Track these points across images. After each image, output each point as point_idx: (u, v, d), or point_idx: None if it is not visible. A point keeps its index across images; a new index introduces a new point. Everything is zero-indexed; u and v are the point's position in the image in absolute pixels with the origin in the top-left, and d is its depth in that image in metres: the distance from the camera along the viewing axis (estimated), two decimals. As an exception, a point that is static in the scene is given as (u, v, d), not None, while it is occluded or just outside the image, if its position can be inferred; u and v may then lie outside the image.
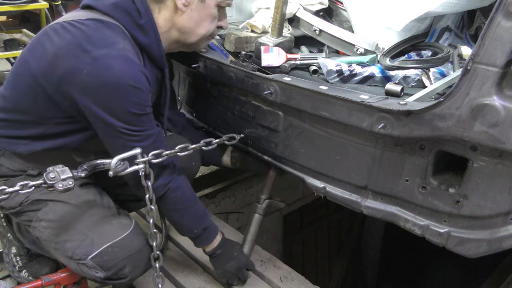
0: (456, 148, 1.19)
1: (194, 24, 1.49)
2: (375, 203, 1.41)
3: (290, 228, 3.55)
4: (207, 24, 1.51)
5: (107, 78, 1.27)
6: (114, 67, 1.27)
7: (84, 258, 1.47)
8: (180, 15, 1.45)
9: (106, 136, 1.39)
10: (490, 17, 1.03)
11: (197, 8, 1.45)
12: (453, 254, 1.29)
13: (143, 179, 1.42)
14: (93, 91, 1.29)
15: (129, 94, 1.30)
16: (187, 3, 1.43)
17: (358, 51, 1.61)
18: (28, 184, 1.23)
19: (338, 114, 1.36)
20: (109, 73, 1.27)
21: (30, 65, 1.38)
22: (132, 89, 1.30)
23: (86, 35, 1.31)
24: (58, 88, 1.33)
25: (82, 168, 1.31)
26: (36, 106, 1.40)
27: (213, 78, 1.81)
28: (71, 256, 1.48)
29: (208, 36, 1.56)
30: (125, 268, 1.50)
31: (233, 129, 1.76)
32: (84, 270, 1.48)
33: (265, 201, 1.82)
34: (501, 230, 1.19)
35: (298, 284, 1.89)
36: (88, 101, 1.30)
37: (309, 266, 3.85)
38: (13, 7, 3.83)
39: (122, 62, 1.29)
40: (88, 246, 1.47)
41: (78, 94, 1.31)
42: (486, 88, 1.06)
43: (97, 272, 1.47)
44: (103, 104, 1.30)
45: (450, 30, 1.77)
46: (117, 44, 1.32)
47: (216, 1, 1.48)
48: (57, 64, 1.31)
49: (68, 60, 1.30)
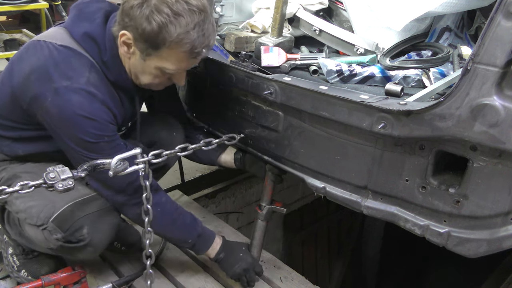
0: (456, 148, 1.19)
1: (139, 71, 1.47)
2: (375, 203, 1.41)
3: (290, 228, 3.55)
4: (150, 78, 1.48)
5: (65, 110, 1.37)
6: (71, 101, 1.37)
7: (46, 222, 1.48)
8: (128, 58, 1.45)
9: (67, 152, 1.47)
10: (490, 17, 1.03)
11: (139, 61, 1.43)
12: (453, 254, 1.29)
13: (141, 179, 1.42)
14: (54, 119, 1.40)
15: (84, 125, 1.39)
16: (131, 52, 1.42)
17: (358, 51, 1.61)
18: (28, 184, 1.24)
19: (338, 114, 1.36)
20: (67, 105, 1.37)
21: (12, 77, 1.46)
22: (88, 121, 1.39)
23: (55, 62, 1.39)
24: (28, 107, 1.43)
25: (82, 168, 1.31)
26: (14, 114, 1.51)
27: (213, 78, 1.81)
28: (36, 223, 1.49)
29: (155, 85, 1.53)
30: (83, 229, 1.50)
31: (233, 129, 1.76)
32: (47, 236, 1.49)
33: (265, 207, 1.82)
34: (501, 230, 1.19)
35: (298, 284, 1.89)
36: (51, 124, 1.42)
37: (309, 266, 3.85)
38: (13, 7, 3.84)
39: (80, 97, 1.37)
40: (50, 209, 1.49)
41: (42, 117, 1.42)
42: (486, 88, 1.06)
43: (57, 234, 1.48)
44: (62, 130, 1.42)
45: (450, 30, 1.78)
46: (81, 78, 1.39)
47: (156, 65, 1.42)
48: (28, 85, 1.40)
49: (36, 85, 1.39)
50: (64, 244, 1.49)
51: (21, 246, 1.76)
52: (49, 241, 1.50)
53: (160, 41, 1.33)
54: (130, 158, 1.37)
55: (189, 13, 1.32)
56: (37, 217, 1.49)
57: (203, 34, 1.36)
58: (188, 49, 1.35)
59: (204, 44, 1.38)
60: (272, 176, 1.77)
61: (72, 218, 1.49)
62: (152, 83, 1.50)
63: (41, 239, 1.51)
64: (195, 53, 1.38)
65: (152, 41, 1.34)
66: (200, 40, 1.36)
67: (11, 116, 1.52)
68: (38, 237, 1.52)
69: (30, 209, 1.51)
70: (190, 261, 1.97)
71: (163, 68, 1.42)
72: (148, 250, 1.52)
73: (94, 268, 1.88)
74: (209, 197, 2.78)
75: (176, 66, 1.42)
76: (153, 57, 1.39)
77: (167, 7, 1.30)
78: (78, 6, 1.50)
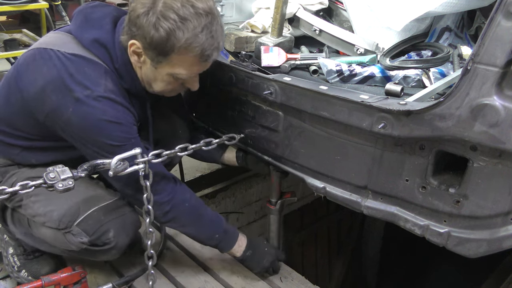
0: (456, 148, 1.19)
1: (151, 79, 1.46)
2: (375, 203, 1.41)
3: (290, 228, 3.55)
4: (162, 85, 1.47)
5: (88, 118, 1.37)
6: (95, 107, 1.36)
7: (70, 225, 1.50)
8: (139, 67, 1.45)
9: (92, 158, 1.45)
10: (490, 17, 1.03)
11: (150, 69, 1.42)
12: (453, 254, 1.29)
13: (141, 179, 1.42)
14: (77, 128, 1.40)
15: (110, 130, 1.39)
16: (141, 61, 1.41)
17: (358, 51, 1.61)
18: (28, 184, 1.24)
19: (338, 114, 1.36)
20: (90, 112, 1.36)
21: (21, 88, 1.44)
22: (113, 125, 1.39)
23: (69, 73, 1.37)
24: (46, 119, 1.43)
25: (82, 168, 1.31)
26: (27, 126, 1.50)
27: (213, 78, 1.81)
28: (58, 226, 1.51)
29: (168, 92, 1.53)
30: (109, 232, 1.52)
31: (233, 129, 1.76)
32: (70, 239, 1.51)
33: (277, 202, 1.83)
34: (501, 230, 1.19)
35: (298, 284, 1.89)
36: (73, 135, 1.42)
37: (309, 266, 3.84)
38: (13, 7, 3.83)
39: (102, 104, 1.37)
40: (74, 213, 1.51)
41: (62, 129, 1.42)
42: (486, 88, 1.06)
43: (82, 238, 1.50)
44: (87, 139, 1.42)
45: (450, 30, 1.78)
46: (98, 86, 1.38)
47: (167, 72, 1.41)
48: (45, 99, 1.39)
49: (54, 98, 1.37)
50: (89, 247, 1.52)
51: (23, 246, 1.76)
52: (72, 244, 1.52)
53: (169, 47, 1.32)
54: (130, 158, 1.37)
55: (195, 16, 1.30)
56: (59, 220, 1.50)
57: (212, 36, 1.34)
58: (198, 53, 1.34)
59: (213, 46, 1.36)
60: (278, 173, 1.78)
61: (98, 222, 1.51)
62: (165, 90, 1.49)
63: (62, 241, 1.53)
64: (205, 56, 1.37)
65: (161, 48, 1.33)
66: (209, 43, 1.34)
67: (24, 128, 1.51)
68: (58, 240, 1.54)
69: (51, 213, 1.52)
70: (190, 261, 1.97)
71: (175, 74, 1.41)
72: (150, 251, 1.52)
73: (94, 268, 1.88)
74: (209, 197, 2.78)
75: (188, 71, 1.41)
76: (164, 64, 1.38)
77: (173, 13, 1.28)
78: (83, 11, 1.48)
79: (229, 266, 1.94)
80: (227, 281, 1.85)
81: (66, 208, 1.52)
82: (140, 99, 1.55)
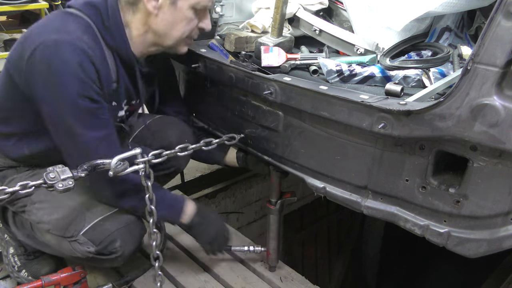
0: (456, 148, 1.19)
1: (169, 27, 1.46)
2: (375, 203, 1.41)
3: (290, 228, 3.55)
4: (182, 26, 1.48)
5: (49, 61, 1.30)
6: (59, 52, 1.30)
7: (76, 234, 1.49)
8: (153, 18, 1.44)
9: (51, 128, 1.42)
10: (490, 17, 1.03)
11: (170, 11, 1.43)
12: (453, 254, 1.29)
13: (143, 179, 1.42)
14: (38, 78, 1.33)
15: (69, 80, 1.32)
16: (158, 6, 1.41)
17: (358, 51, 1.61)
18: (28, 184, 1.24)
19: (338, 114, 1.36)
20: (51, 55, 1.30)
21: (6, 61, 1.44)
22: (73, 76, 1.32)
23: (48, 21, 1.40)
24: (20, 78, 1.38)
25: (82, 168, 1.31)
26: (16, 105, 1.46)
27: (213, 78, 1.81)
28: (63, 235, 1.50)
29: (185, 38, 1.53)
30: (116, 242, 1.52)
31: (233, 129, 1.76)
32: (76, 247, 1.50)
33: (277, 202, 1.83)
34: (501, 230, 1.19)
35: (298, 284, 1.89)
36: (37, 93, 1.36)
37: (309, 266, 3.85)
38: (13, 7, 3.84)
39: (68, 50, 1.31)
40: (80, 222, 1.50)
41: (27, 81, 1.36)
42: (486, 88, 1.06)
43: (89, 247, 1.49)
44: (47, 95, 1.35)
45: (450, 30, 1.77)
46: (71, 34, 1.33)
47: (189, 4, 1.44)
48: (21, 52, 1.35)
49: (28, 45, 1.33)
50: (95, 256, 1.51)
51: (23, 247, 1.76)
52: (78, 252, 1.52)
53: None
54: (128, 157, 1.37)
55: None
56: (65, 229, 1.50)
57: None
58: None
59: None
60: (278, 173, 1.78)
61: (104, 232, 1.51)
62: (183, 34, 1.50)
63: (67, 248, 1.53)
64: None
65: None
66: None
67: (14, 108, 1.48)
68: (63, 247, 1.54)
69: (56, 221, 1.51)
70: (190, 261, 1.97)
71: (196, 4, 1.44)
72: (155, 252, 1.52)
73: (94, 268, 1.88)
74: (209, 197, 2.78)
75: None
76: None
77: None
78: None
79: (229, 266, 1.94)
80: (227, 281, 1.85)
81: (72, 217, 1.51)
82: (129, 66, 1.53)
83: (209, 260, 1.93)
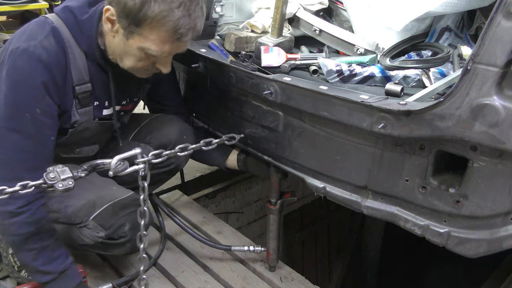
0: (456, 148, 1.19)
1: (122, 53, 1.44)
2: (375, 203, 1.41)
3: (290, 228, 3.55)
4: (132, 60, 1.43)
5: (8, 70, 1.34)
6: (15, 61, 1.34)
7: (85, 220, 1.54)
8: (111, 38, 1.43)
9: None
10: (490, 17, 1.03)
11: (122, 41, 1.40)
12: (453, 254, 1.29)
13: (140, 179, 1.41)
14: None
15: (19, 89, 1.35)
16: (114, 30, 1.39)
17: (358, 51, 1.61)
18: (28, 184, 1.24)
19: (338, 114, 1.36)
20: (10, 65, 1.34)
21: None
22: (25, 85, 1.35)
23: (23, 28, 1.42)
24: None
25: (82, 168, 1.31)
26: None
27: (213, 78, 1.81)
28: (73, 221, 1.55)
29: (139, 70, 1.49)
30: (125, 226, 1.58)
31: (233, 129, 1.76)
32: (86, 233, 1.55)
33: (277, 202, 1.83)
34: (501, 230, 1.19)
35: (298, 284, 1.89)
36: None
37: (309, 266, 3.85)
38: (13, 7, 3.84)
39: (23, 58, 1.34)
40: (90, 208, 1.55)
41: None
42: (486, 88, 1.06)
43: (98, 232, 1.54)
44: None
45: (450, 30, 1.77)
46: (33, 41, 1.36)
47: (138, 45, 1.37)
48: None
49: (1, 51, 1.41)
50: (105, 240, 1.56)
51: None
52: (87, 238, 1.56)
53: (141, 16, 1.29)
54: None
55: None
56: (74, 215, 1.55)
57: (189, 15, 1.31)
58: (171, 28, 1.31)
59: (189, 26, 1.32)
60: (278, 174, 1.78)
61: (114, 216, 1.56)
62: (135, 66, 1.45)
63: (76, 236, 1.57)
64: (178, 34, 1.32)
65: (134, 16, 1.30)
66: (184, 21, 1.31)
67: None
68: (71, 235, 1.58)
69: (66, 208, 1.56)
70: (190, 261, 1.97)
71: (146, 48, 1.37)
72: (142, 255, 1.50)
73: (94, 268, 1.88)
74: (209, 197, 2.78)
75: (158, 48, 1.37)
76: (135, 36, 1.35)
77: None
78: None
79: (229, 266, 1.94)
80: (227, 281, 1.85)
81: (81, 203, 1.56)
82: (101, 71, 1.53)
83: (209, 260, 1.93)
